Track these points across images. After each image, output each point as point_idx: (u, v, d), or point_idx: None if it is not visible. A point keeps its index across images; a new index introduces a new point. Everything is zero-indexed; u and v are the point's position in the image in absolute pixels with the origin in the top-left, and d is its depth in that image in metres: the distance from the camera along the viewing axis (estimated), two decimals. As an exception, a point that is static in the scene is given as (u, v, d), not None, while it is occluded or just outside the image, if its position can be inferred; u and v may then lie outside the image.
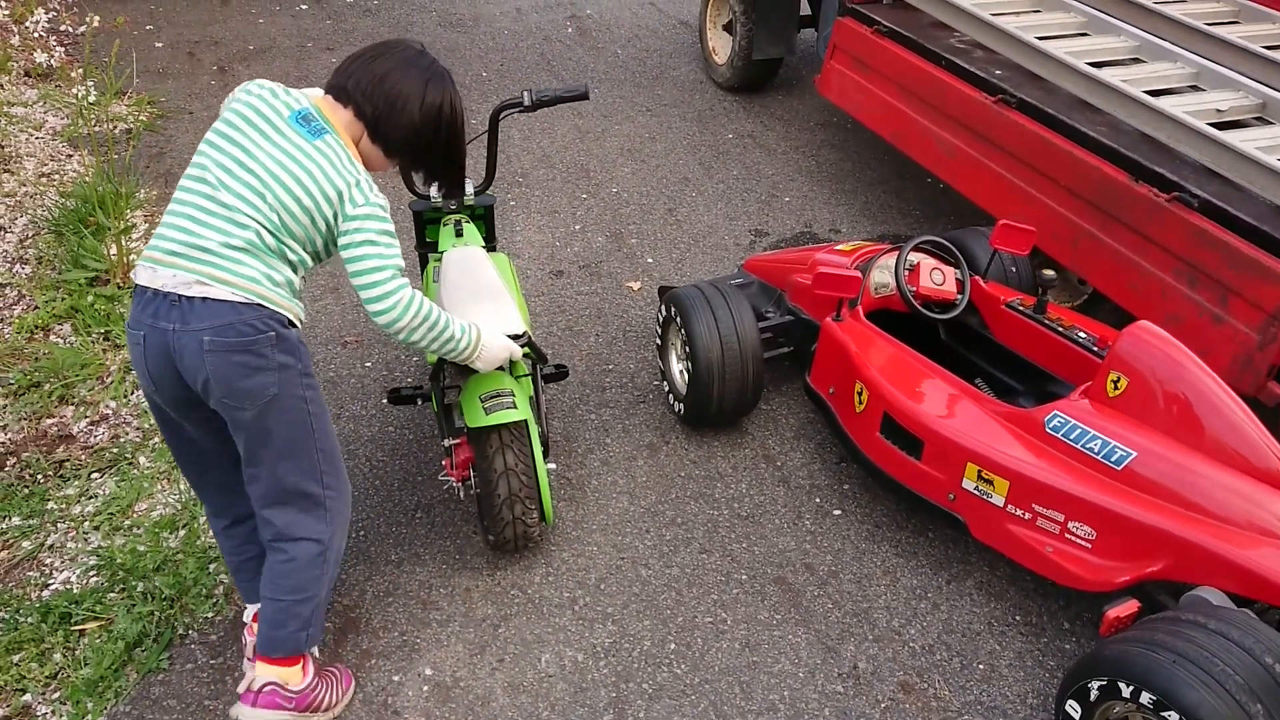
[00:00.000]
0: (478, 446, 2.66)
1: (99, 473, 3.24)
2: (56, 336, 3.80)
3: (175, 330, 2.12)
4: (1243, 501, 2.39)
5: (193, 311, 2.11)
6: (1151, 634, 2.14)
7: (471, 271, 2.82)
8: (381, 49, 2.33)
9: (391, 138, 2.32)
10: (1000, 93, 3.83)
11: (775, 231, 4.65)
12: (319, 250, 2.30)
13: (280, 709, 2.39)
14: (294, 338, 2.24)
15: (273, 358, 2.18)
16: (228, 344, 2.12)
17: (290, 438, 2.26)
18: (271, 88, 2.26)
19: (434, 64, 2.35)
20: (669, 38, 6.78)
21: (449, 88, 2.35)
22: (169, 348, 2.14)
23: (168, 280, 2.12)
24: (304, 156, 2.18)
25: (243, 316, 2.13)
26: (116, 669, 2.60)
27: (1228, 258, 2.99)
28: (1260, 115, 3.61)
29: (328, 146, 2.21)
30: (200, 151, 2.21)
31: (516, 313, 2.69)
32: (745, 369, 3.21)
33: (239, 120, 2.21)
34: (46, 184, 4.73)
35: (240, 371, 2.15)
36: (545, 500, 2.76)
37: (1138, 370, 2.59)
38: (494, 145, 3.12)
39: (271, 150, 2.18)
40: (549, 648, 2.70)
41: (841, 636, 2.75)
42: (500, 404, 2.59)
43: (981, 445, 2.69)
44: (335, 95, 2.30)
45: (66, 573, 2.89)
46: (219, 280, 2.12)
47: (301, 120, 2.22)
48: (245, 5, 7.14)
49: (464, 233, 3.07)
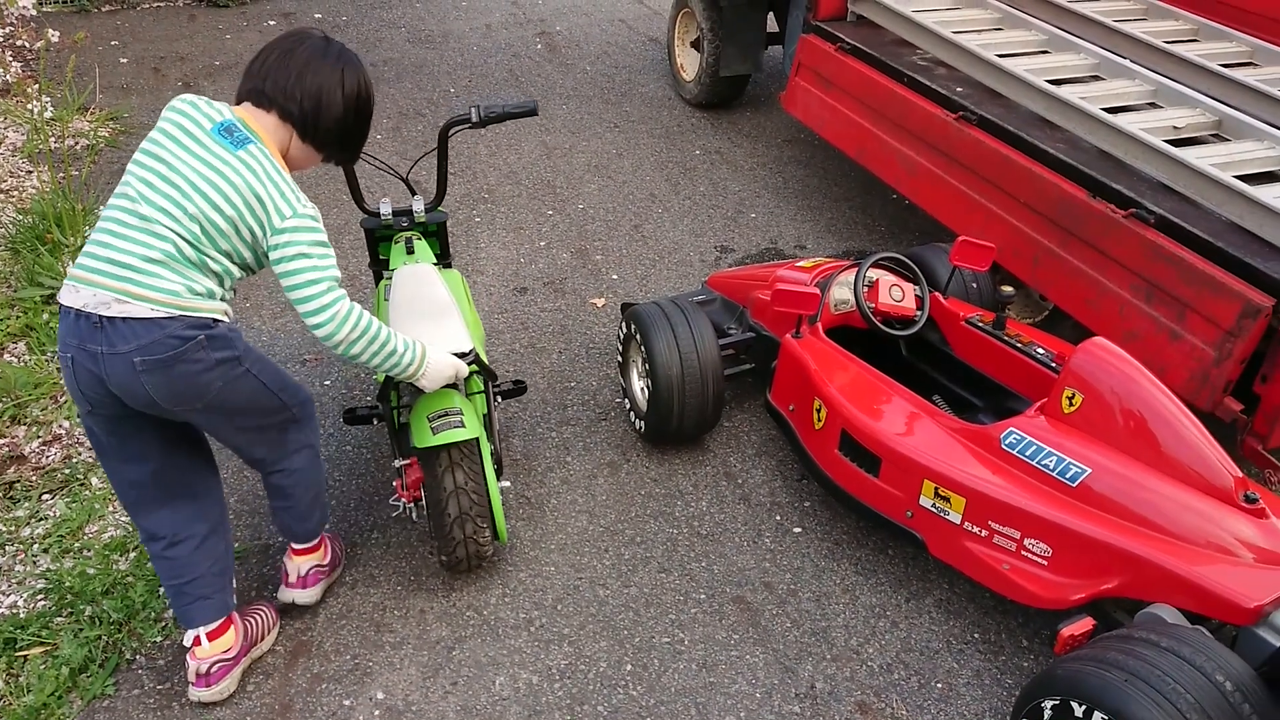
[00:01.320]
0: (427, 466, 2.62)
1: (50, 494, 3.18)
2: (10, 355, 3.75)
3: (103, 354, 2.11)
4: (1197, 518, 2.39)
5: (116, 333, 2.10)
6: (1104, 652, 2.12)
7: (419, 289, 2.79)
8: (288, 45, 2.31)
9: (322, 134, 2.33)
10: (961, 110, 3.85)
11: (741, 248, 4.64)
12: (247, 262, 2.28)
13: (322, 580, 2.82)
14: (223, 331, 2.23)
15: (207, 358, 2.19)
16: (160, 360, 2.12)
17: (249, 404, 2.36)
18: (194, 101, 2.25)
19: (342, 50, 2.36)
20: (638, 54, 6.79)
21: (361, 70, 2.38)
22: (99, 370, 2.13)
23: (88, 299, 2.10)
24: (226, 168, 2.16)
25: (166, 330, 2.12)
26: (60, 695, 2.55)
27: (1184, 274, 3.01)
28: (1216, 132, 3.64)
29: (250, 156, 2.19)
30: (128, 169, 2.21)
31: (463, 330, 2.66)
32: (706, 386, 3.20)
33: (162, 136, 2.20)
34: (4, 200, 4.67)
35: (182, 380, 2.17)
36: (498, 519, 2.72)
37: (1092, 387, 2.59)
38: (444, 161, 3.09)
39: (193, 162, 2.16)
40: (503, 670, 2.66)
41: (799, 656, 2.72)
42: (448, 423, 2.55)
43: (938, 462, 2.68)
44: (255, 101, 2.29)
45: (14, 596, 2.83)
46: (136, 296, 2.10)
47: (224, 132, 2.20)
48: (212, 21, 7.11)
49: (415, 249, 3.04)
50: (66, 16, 7.02)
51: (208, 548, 2.47)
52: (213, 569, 2.48)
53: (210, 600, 2.48)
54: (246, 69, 2.32)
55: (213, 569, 2.48)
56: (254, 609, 2.70)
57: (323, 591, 2.83)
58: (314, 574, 2.77)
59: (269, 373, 2.39)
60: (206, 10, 7.35)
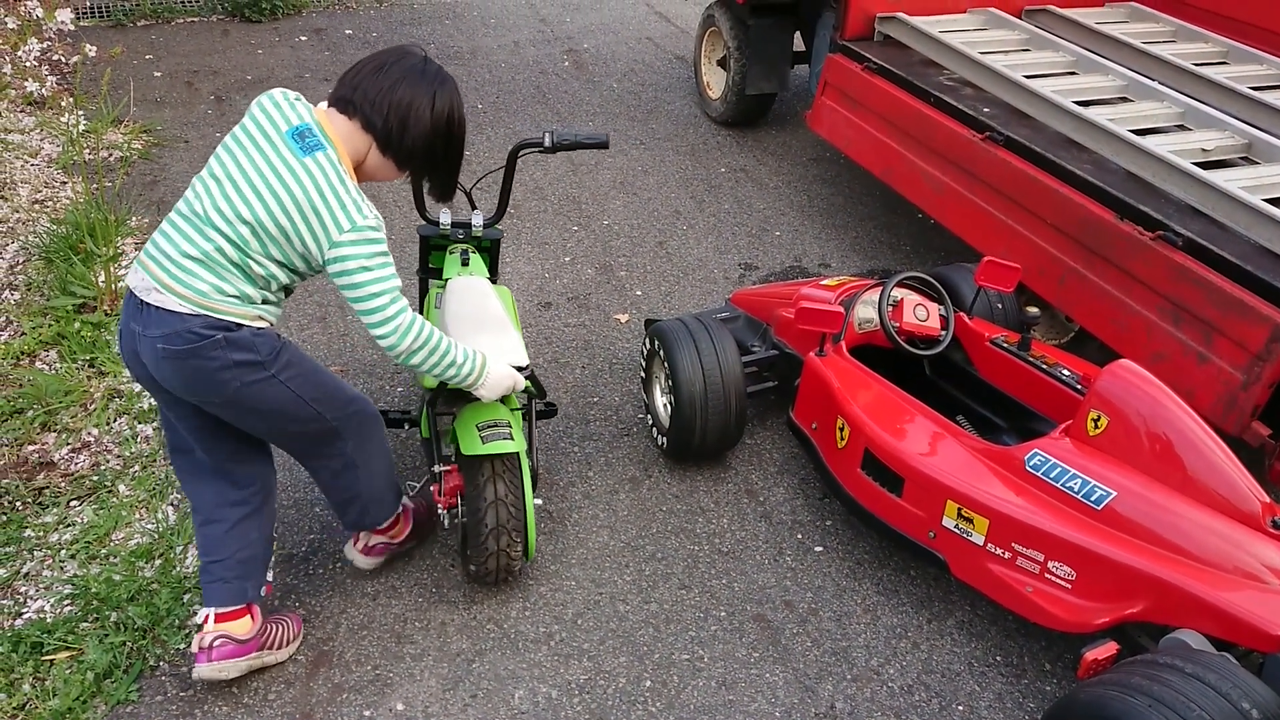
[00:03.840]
0: (469, 475, 2.65)
1: (78, 500, 3.22)
2: (42, 363, 3.80)
3: (139, 333, 2.22)
4: (1223, 543, 2.37)
5: (150, 317, 2.20)
6: (1128, 677, 2.10)
7: (477, 301, 2.81)
8: (386, 59, 2.34)
9: (404, 149, 2.33)
10: (988, 130, 3.85)
11: (765, 265, 4.65)
12: (298, 269, 2.31)
13: (385, 554, 2.90)
14: (245, 335, 2.25)
15: (224, 357, 2.22)
16: (176, 351, 2.19)
17: (277, 409, 2.37)
18: (279, 100, 2.27)
19: (439, 71, 2.37)
20: (664, 72, 6.82)
21: (455, 95, 2.38)
22: (137, 348, 2.25)
23: (138, 282, 2.22)
24: (289, 174, 2.18)
25: (187, 324, 2.18)
26: (85, 700, 2.57)
27: (1212, 297, 2.99)
28: (1245, 155, 3.63)
29: (316, 164, 2.20)
30: (210, 159, 2.28)
31: (521, 344, 2.69)
32: (728, 403, 3.20)
33: (241, 132, 2.26)
34: (39, 211, 4.75)
35: (194, 374, 2.23)
36: (530, 535, 2.73)
37: (1118, 409, 2.57)
38: (509, 181, 3.11)
39: (259, 163, 2.19)
40: (523, 684, 2.67)
41: (820, 675, 2.71)
42: (498, 434, 2.58)
43: (961, 483, 2.67)
44: (340, 107, 2.31)
45: (41, 601, 2.87)
46: (169, 289, 2.18)
47: (297, 136, 2.21)
48: (245, 36, 7.20)
49: (470, 262, 3.06)
50: (103, 31, 7.14)
51: (238, 533, 2.52)
52: (239, 555, 2.52)
53: (228, 585, 2.52)
54: (340, 77, 2.35)
55: (239, 555, 2.52)
56: (280, 616, 2.72)
57: (381, 562, 2.91)
58: (379, 547, 2.86)
59: (307, 384, 2.39)
60: (239, 25, 7.45)
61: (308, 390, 2.40)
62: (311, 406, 2.42)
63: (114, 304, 4.02)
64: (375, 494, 2.71)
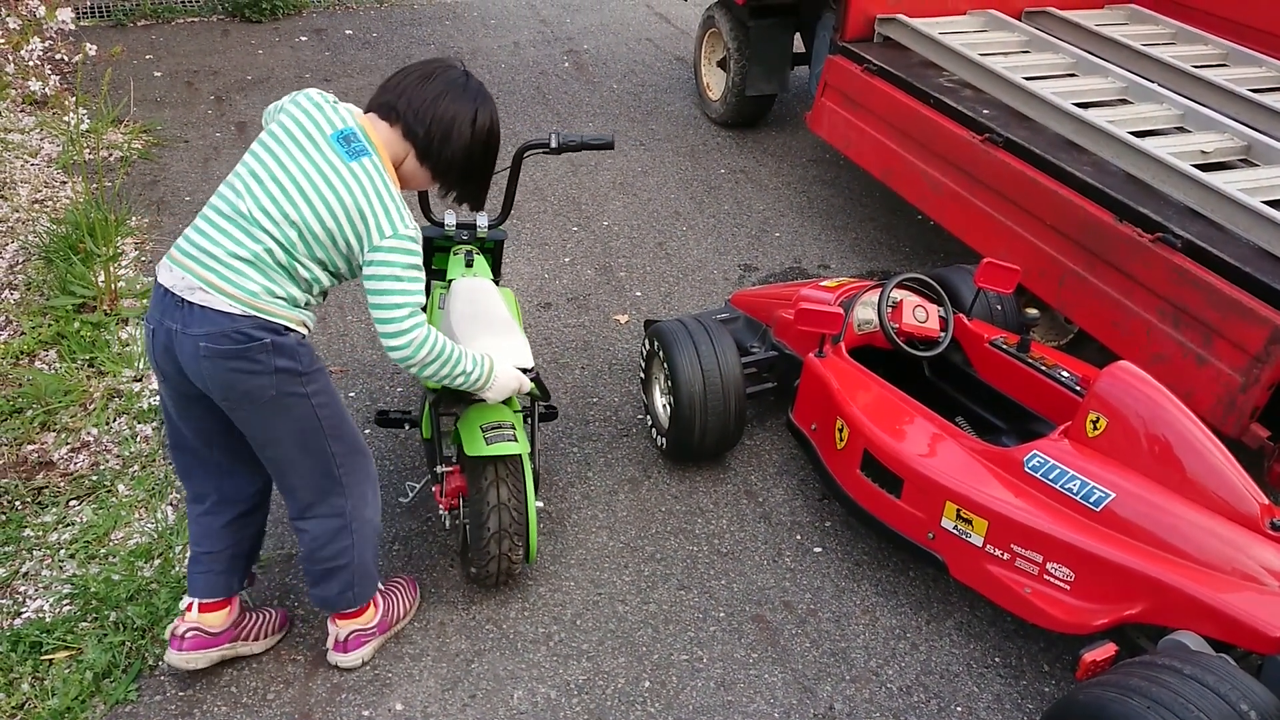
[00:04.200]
0: (472, 477, 2.65)
1: (77, 500, 3.22)
2: (41, 362, 3.80)
3: (177, 331, 2.19)
4: (1222, 545, 2.37)
5: (192, 316, 2.17)
6: (1127, 679, 2.10)
7: (482, 302, 2.81)
8: (430, 69, 2.35)
9: (443, 160, 2.35)
10: (987, 132, 3.85)
11: (765, 266, 4.65)
12: (340, 271, 2.31)
13: (367, 643, 2.66)
14: (292, 342, 2.24)
15: (268, 362, 2.21)
16: (221, 350, 2.17)
17: (297, 431, 2.32)
18: (319, 102, 2.27)
19: (480, 87, 2.40)
20: (664, 73, 6.83)
21: (495, 112, 2.41)
22: (172, 345, 2.21)
23: (177, 281, 2.19)
24: (336, 178, 2.19)
25: (236, 325, 2.17)
26: (84, 700, 2.57)
27: (1211, 299, 2.99)
28: (1245, 157, 3.63)
29: (363, 170, 2.21)
30: (242, 159, 2.26)
31: (527, 346, 2.68)
32: (728, 404, 3.20)
33: (281, 132, 2.24)
34: (39, 210, 4.75)
35: (236, 376, 2.20)
36: (532, 538, 2.73)
37: (1117, 410, 2.58)
38: (514, 182, 3.12)
39: (306, 166, 2.19)
40: (521, 684, 2.67)
41: (818, 676, 2.71)
42: (502, 435, 2.58)
43: (960, 484, 2.67)
44: (382, 113, 2.32)
45: (40, 601, 2.87)
46: (218, 289, 2.16)
47: (342, 140, 2.22)
48: (245, 37, 7.21)
49: (474, 264, 3.06)
50: (103, 31, 7.14)
51: (234, 529, 2.53)
52: (232, 550, 2.54)
53: (217, 576, 2.54)
54: (382, 84, 2.36)
55: (232, 550, 2.54)
56: (261, 610, 2.74)
57: (374, 652, 2.70)
58: (355, 639, 2.64)
59: (331, 414, 2.36)
60: (240, 25, 7.45)
61: (330, 422, 2.36)
62: (328, 440, 2.37)
63: (113, 304, 4.02)
64: (365, 566, 2.55)
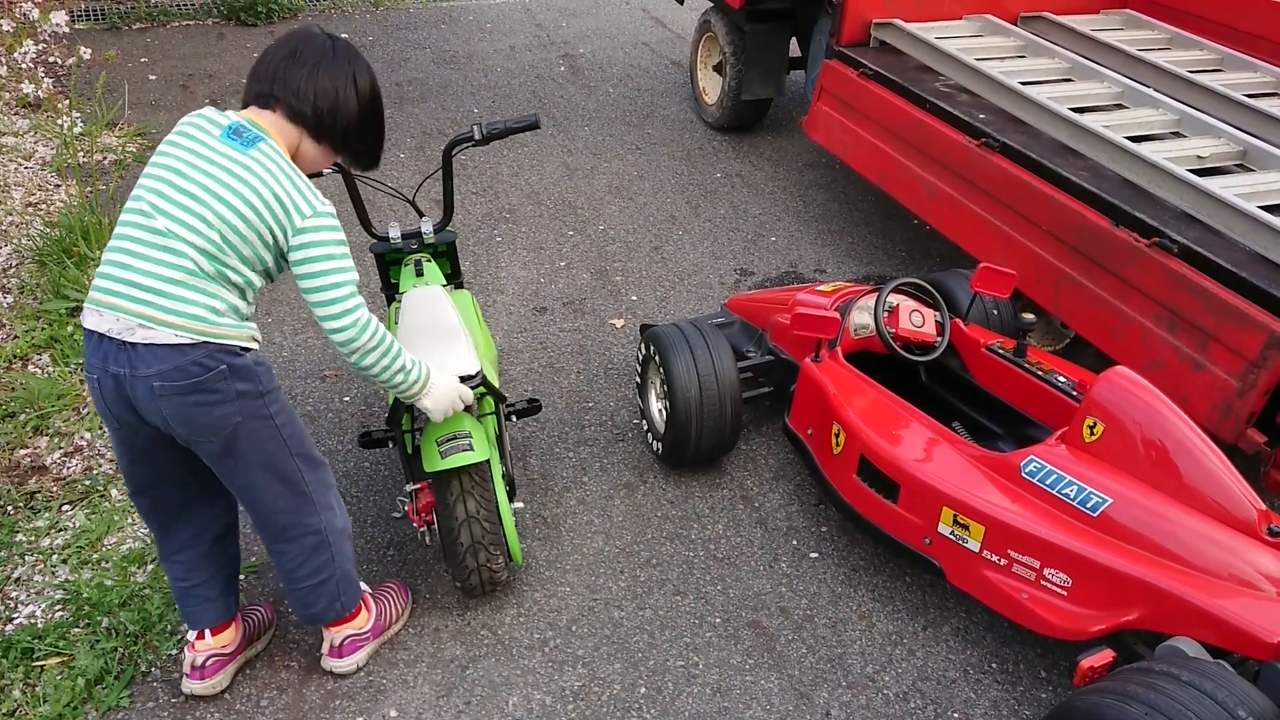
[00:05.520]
0: (438, 491, 2.61)
1: (70, 505, 3.20)
2: (35, 366, 3.78)
3: (126, 375, 2.09)
4: (1219, 551, 2.36)
5: (139, 357, 2.08)
6: (1124, 685, 2.10)
7: (428, 312, 2.74)
8: (293, 46, 2.25)
9: (338, 133, 2.28)
10: (983, 136, 3.85)
11: (761, 271, 4.65)
12: (269, 268, 2.23)
13: (362, 647, 2.67)
14: (248, 362, 2.19)
15: (229, 389, 2.15)
16: (178, 386, 2.09)
17: (264, 454, 2.27)
18: (202, 112, 2.21)
19: (348, 47, 2.30)
20: (661, 77, 6.82)
21: (368, 66, 2.33)
22: (123, 391, 2.12)
23: (112, 324, 2.08)
24: (239, 168, 2.11)
25: (189, 357, 2.09)
26: (76, 706, 2.55)
27: (1207, 304, 2.99)
28: (1241, 162, 3.63)
29: (262, 154, 2.13)
30: (137, 184, 2.16)
31: (471, 353, 2.63)
32: (724, 409, 3.19)
33: (171, 146, 2.16)
34: (33, 213, 4.73)
35: (197, 410, 2.13)
36: (512, 542, 2.72)
37: (1114, 416, 2.57)
38: (449, 181, 3.07)
39: (205, 167, 2.11)
40: (517, 690, 2.65)
41: (815, 682, 2.70)
42: (456, 446, 2.53)
43: (957, 489, 2.67)
44: (260, 103, 2.24)
45: (32, 606, 2.85)
46: (160, 322, 2.07)
47: (233, 134, 2.15)
48: (240, 40, 7.20)
49: (425, 272, 3.01)
50: (98, 34, 7.13)
51: (215, 553, 2.51)
52: (219, 574, 2.53)
53: (215, 603, 2.53)
54: (250, 75, 2.27)
55: (219, 574, 2.53)
56: (253, 608, 2.74)
57: (368, 656, 2.70)
58: (350, 644, 2.64)
59: (294, 433, 2.32)
60: (235, 29, 7.44)
61: (294, 440, 2.32)
62: (295, 459, 2.33)
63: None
64: (347, 573, 2.53)
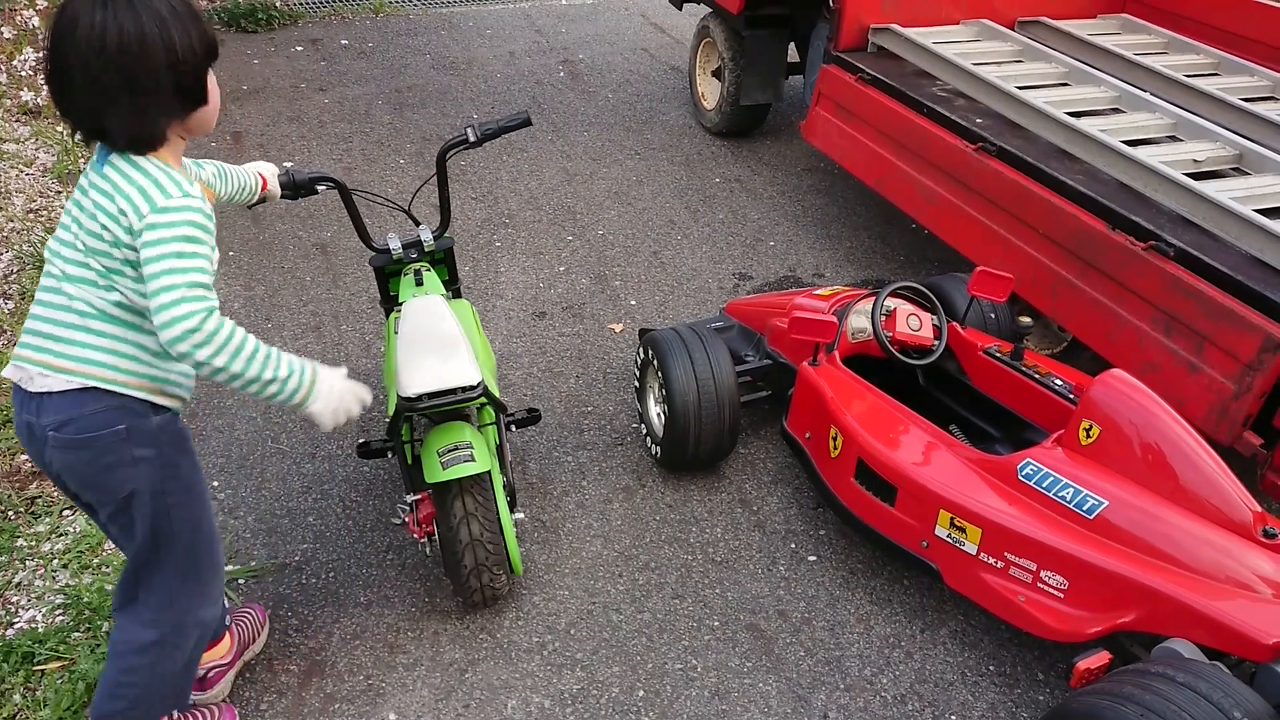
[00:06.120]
0: (439, 503, 2.60)
1: (70, 510, 3.21)
2: (35, 372, 3.79)
3: (36, 423, 2.00)
4: (1215, 553, 2.37)
5: (39, 406, 1.99)
6: (1120, 686, 2.10)
7: (427, 322, 2.68)
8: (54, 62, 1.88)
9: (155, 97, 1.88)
10: (981, 141, 3.86)
11: (759, 275, 4.66)
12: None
13: (228, 674, 2.61)
14: (152, 426, 2.03)
15: (125, 453, 2.01)
16: (71, 440, 1.98)
17: (149, 533, 2.11)
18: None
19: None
20: (660, 83, 6.84)
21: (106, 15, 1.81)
22: (34, 439, 2.04)
23: (21, 375, 2.00)
24: (92, 189, 1.93)
25: (85, 409, 1.97)
26: (76, 711, 2.56)
27: (1203, 307, 3.00)
28: (1237, 166, 3.64)
29: (112, 168, 1.91)
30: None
31: (471, 363, 2.57)
32: (722, 413, 3.20)
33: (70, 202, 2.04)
34: (34, 220, 4.75)
35: (90, 468, 2.02)
36: (513, 554, 2.72)
37: (1110, 419, 2.58)
38: (444, 186, 3.06)
39: (79, 199, 1.97)
40: (515, 694, 2.66)
41: (813, 685, 2.71)
42: (457, 457, 2.52)
43: (954, 493, 2.67)
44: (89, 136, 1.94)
45: (32, 611, 2.86)
46: (54, 368, 1.96)
47: (98, 161, 1.96)
48: (240, 47, 7.22)
49: (424, 281, 3.00)
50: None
51: None
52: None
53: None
54: (60, 114, 1.97)
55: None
56: (242, 612, 2.74)
57: (231, 683, 2.64)
58: (215, 674, 2.57)
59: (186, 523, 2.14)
60: (235, 36, 7.46)
61: (184, 524, 2.14)
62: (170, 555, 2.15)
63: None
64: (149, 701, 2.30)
